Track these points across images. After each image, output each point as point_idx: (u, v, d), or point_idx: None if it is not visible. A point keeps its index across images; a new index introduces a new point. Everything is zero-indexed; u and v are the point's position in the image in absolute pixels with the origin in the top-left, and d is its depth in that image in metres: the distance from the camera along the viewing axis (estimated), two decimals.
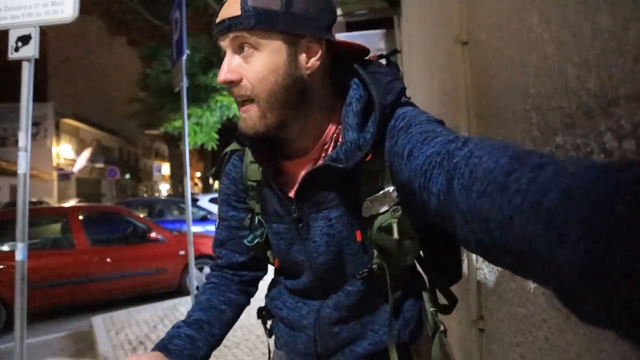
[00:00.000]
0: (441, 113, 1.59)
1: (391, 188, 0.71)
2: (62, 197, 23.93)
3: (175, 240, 6.04)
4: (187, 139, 4.55)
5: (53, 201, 21.37)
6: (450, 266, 0.92)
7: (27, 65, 2.51)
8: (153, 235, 6.01)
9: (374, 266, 0.76)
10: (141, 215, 8.21)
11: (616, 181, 0.29)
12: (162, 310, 5.05)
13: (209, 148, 13.08)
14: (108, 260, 5.50)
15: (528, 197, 0.36)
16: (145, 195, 33.64)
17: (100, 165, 28.78)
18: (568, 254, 0.30)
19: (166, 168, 35.34)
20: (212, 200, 10.54)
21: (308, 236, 0.80)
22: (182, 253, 5.64)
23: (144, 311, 5.04)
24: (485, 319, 1.39)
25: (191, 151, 18.79)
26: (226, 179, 0.91)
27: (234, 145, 0.88)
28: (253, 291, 0.99)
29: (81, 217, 5.75)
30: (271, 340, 0.98)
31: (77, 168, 25.53)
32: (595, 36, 0.65)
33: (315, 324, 0.85)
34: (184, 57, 4.06)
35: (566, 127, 0.76)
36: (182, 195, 5.96)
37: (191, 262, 4.24)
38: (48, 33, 24.49)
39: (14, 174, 3.87)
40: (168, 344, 0.80)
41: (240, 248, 0.92)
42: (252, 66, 0.69)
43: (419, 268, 0.91)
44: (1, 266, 4.80)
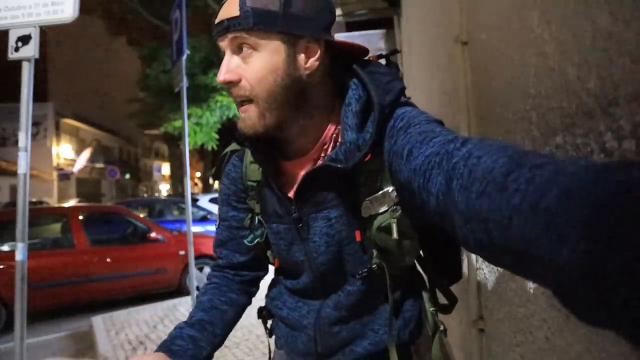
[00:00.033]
0: (441, 113, 1.59)
1: (390, 188, 0.71)
2: (62, 197, 23.92)
3: (175, 240, 6.04)
4: (187, 139, 4.54)
5: (53, 201, 21.37)
6: (450, 266, 0.92)
7: (27, 65, 2.51)
8: (153, 235, 6.01)
9: (374, 266, 0.76)
10: (141, 215, 8.21)
11: (616, 181, 0.29)
12: (162, 310, 5.04)
13: (209, 148, 13.10)
14: (108, 260, 5.50)
15: (527, 197, 0.36)
16: (145, 195, 33.64)
17: (100, 165, 28.80)
18: (568, 254, 0.30)
19: (166, 168, 35.37)
20: (212, 200, 10.53)
21: (308, 236, 0.80)
22: (182, 253, 5.65)
23: (144, 311, 5.04)
24: (485, 319, 1.39)
25: (191, 151, 18.79)
26: (226, 179, 0.91)
27: (234, 145, 0.88)
28: (254, 291, 0.99)
29: (81, 217, 5.75)
30: (271, 340, 0.98)
31: (77, 168, 25.53)
32: (595, 36, 0.65)
33: (315, 324, 0.85)
34: (184, 57, 4.06)
35: (566, 127, 0.76)
36: (182, 195, 5.96)
37: (191, 262, 4.24)
38: (48, 33, 24.49)
39: (14, 174, 3.87)
40: (171, 345, 0.80)
41: (240, 248, 0.92)
42: (251, 66, 0.69)
43: (419, 268, 0.91)
44: (1, 266, 4.80)
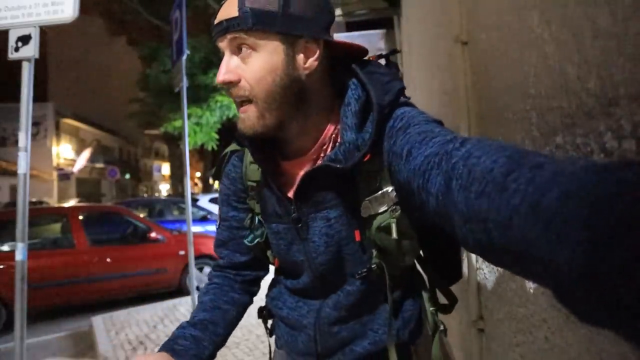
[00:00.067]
0: (441, 113, 1.59)
1: (390, 188, 0.71)
2: (62, 197, 23.92)
3: (175, 240, 6.04)
4: (187, 139, 4.55)
5: (53, 201, 21.37)
6: (450, 266, 0.92)
7: (27, 65, 2.51)
8: (153, 235, 6.01)
9: (373, 266, 0.76)
10: (141, 215, 8.21)
11: (616, 181, 0.29)
12: (162, 310, 5.03)
13: (209, 148, 13.10)
14: (108, 260, 5.50)
15: (527, 197, 0.36)
16: (145, 195, 33.65)
17: (100, 165, 28.79)
18: (567, 254, 0.30)
19: (166, 168, 35.36)
20: (212, 200, 10.53)
21: (307, 236, 0.80)
22: (182, 253, 5.64)
23: (144, 311, 5.03)
24: (485, 319, 1.39)
25: (191, 151, 18.80)
26: (226, 179, 0.91)
27: (234, 145, 0.88)
28: (255, 290, 0.99)
29: (81, 217, 5.75)
30: (272, 339, 0.98)
31: (77, 168, 25.53)
32: (595, 36, 0.65)
33: (315, 324, 0.85)
34: (184, 57, 4.06)
35: (566, 127, 0.76)
36: (182, 195, 5.96)
37: (191, 262, 4.24)
38: (48, 33, 24.48)
39: (14, 174, 3.87)
40: (174, 345, 0.80)
41: (241, 248, 0.92)
42: (250, 67, 0.69)
43: (419, 268, 0.91)
44: (1, 266, 4.80)
